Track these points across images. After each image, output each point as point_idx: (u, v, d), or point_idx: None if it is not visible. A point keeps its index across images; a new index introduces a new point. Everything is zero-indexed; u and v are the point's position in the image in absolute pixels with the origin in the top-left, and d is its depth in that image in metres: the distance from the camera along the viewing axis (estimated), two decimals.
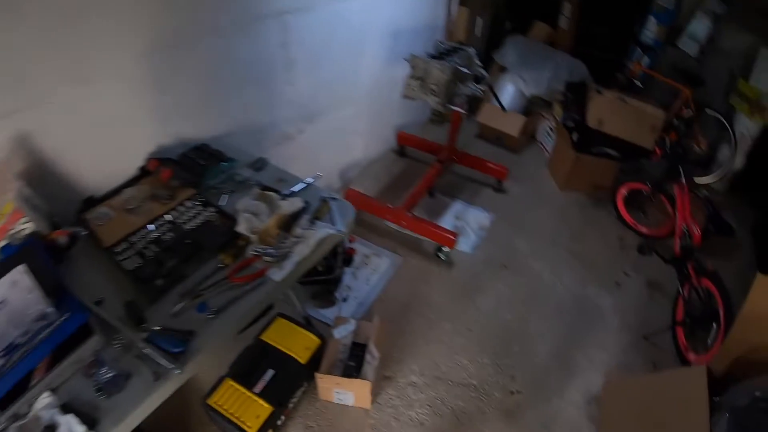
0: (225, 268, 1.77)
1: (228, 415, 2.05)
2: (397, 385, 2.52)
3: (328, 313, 2.85)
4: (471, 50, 3.03)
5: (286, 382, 2.24)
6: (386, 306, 2.91)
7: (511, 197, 3.81)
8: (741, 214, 3.89)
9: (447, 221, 3.45)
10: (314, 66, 2.77)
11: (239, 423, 2.03)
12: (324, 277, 2.77)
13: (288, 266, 1.79)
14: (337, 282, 2.92)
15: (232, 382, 2.16)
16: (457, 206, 3.61)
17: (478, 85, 3.10)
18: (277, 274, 1.76)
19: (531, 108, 4.35)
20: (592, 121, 3.64)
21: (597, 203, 3.83)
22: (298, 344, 2.37)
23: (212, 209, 1.98)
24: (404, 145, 4.00)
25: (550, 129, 4.20)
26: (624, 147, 3.64)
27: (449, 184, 3.80)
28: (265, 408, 2.09)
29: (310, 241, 1.86)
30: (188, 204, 1.99)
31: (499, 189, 3.80)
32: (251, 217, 1.89)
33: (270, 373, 2.22)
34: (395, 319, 2.83)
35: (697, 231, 2.80)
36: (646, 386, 1.70)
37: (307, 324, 2.59)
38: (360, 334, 2.51)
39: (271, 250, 1.80)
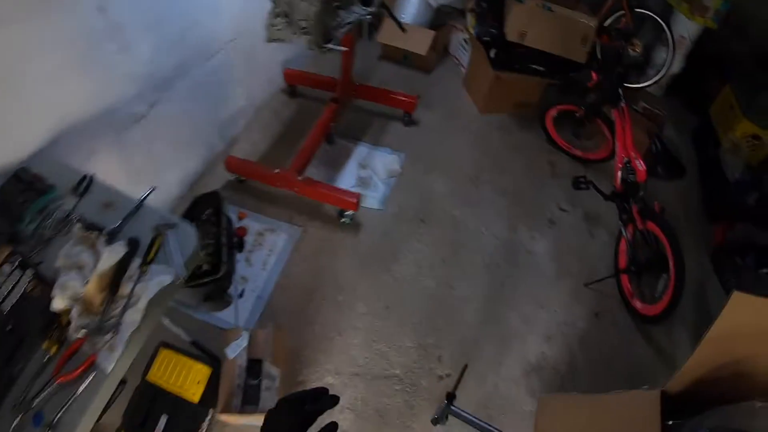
0: (53, 359, 1.27)
1: None
2: None
3: (224, 316, 2.36)
4: None
5: (182, 428, 1.82)
6: (289, 294, 2.42)
7: (424, 129, 3.27)
8: (679, 119, 3.57)
9: (350, 173, 2.90)
10: (154, 23, 2.07)
11: None
12: (211, 278, 2.25)
13: (119, 346, 1.26)
14: (228, 277, 2.38)
15: None
16: (361, 150, 3.05)
17: (366, 8, 2.43)
18: (107, 360, 1.25)
19: (441, 20, 3.70)
20: (511, 34, 3.06)
21: (522, 125, 3.37)
22: (188, 379, 1.91)
23: (30, 273, 1.37)
24: (294, 85, 3.31)
25: (465, 41, 3.61)
26: (551, 61, 3.12)
27: (351, 124, 3.20)
28: None
29: (140, 302, 1.31)
30: (5, 269, 1.37)
31: (409, 122, 3.24)
32: (68, 280, 1.30)
33: (164, 419, 1.81)
34: (301, 309, 2.36)
35: (641, 165, 2.39)
36: (587, 407, 1.36)
37: (197, 348, 2.07)
38: (256, 346, 2.03)
39: (96, 325, 1.26)
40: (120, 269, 1.35)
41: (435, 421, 1.75)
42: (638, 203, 2.40)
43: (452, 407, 1.74)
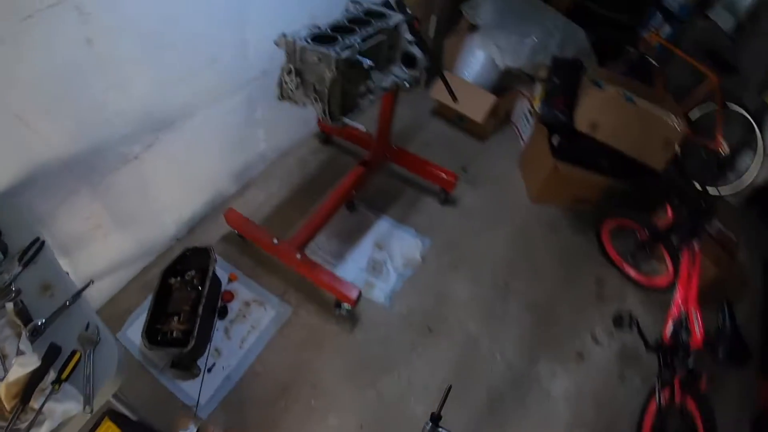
0: None
1: None
2: None
3: (188, 387, 2.12)
4: (398, 17, 1.99)
5: None
6: (260, 384, 2.13)
7: (462, 211, 2.90)
8: (756, 239, 3.01)
9: (363, 252, 2.58)
10: (154, 56, 1.82)
11: None
12: (178, 349, 2.02)
13: None
14: (199, 348, 2.14)
15: None
16: (382, 226, 2.71)
17: (409, 70, 2.11)
18: None
19: (507, 82, 3.30)
20: (581, 123, 2.63)
21: (575, 225, 2.93)
22: None
23: None
24: (328, 133, 3.03)
25: (529, 112, 3.20)
26: (622, 161, 2.67)
27: (380, 189, 2.88)
28: None
29: (44, 427, 1.12)
30: None
31: (446, 200, 2.87)
32: None
33: None
34: (269, 404, 2.07)
35: (699, 329, 1.93)
36: None
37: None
38: None
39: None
40: (33, 380, 1.18)
41: None
42: (683, 371, 1.94)
43: (440, 428, 1.39)
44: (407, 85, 2.09)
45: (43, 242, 1.47)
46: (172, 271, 2.26)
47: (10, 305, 1.27)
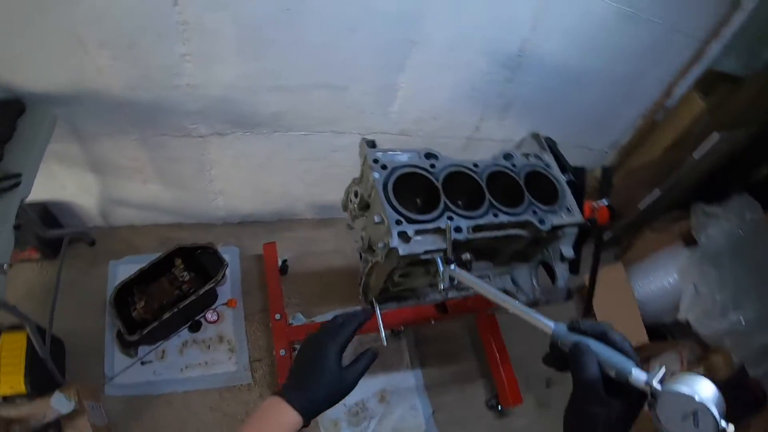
0: None
1: None
2: None
3: (118, 359, 2.02)
4: (567, 217, 1.36)
5: None
6: (163, 414, 1.93)
7: (503, 426, 2.23)
8: None
9: (359, 390, 2.08)
10: (254, 50, 1.50)
11: None
12: (125, 334, 1.90)
13: None
14: (145, 341, 1.94)
15: None
16: (404, 377, 2.16)
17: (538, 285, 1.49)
18: None
19: (674, 331, 2.47)
20: None
21: None
22: None
23: None
24: None
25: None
26: None
27: (443, 333, 2.32)
28: None
29: None
30: None
31: (492, 406, 2.21)
32: None
33: None
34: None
35: None
36: None
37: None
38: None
39: None
40: None
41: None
42: None
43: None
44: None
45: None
46: (183, 252, 2.05)
47: None
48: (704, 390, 0.54)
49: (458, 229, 1.06)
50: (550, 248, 1.32)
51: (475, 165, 1.19)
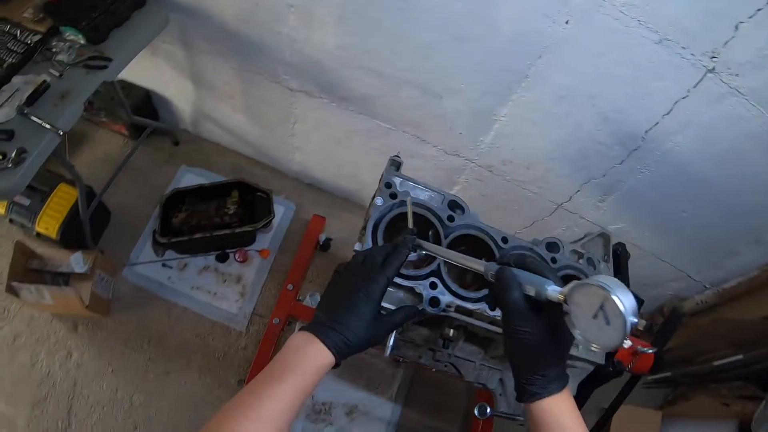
0: None
1: None
2: None
3: (141, 246, 2.16)
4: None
5: None
6: (163, 320, 1.98)
7: None
8: None
9: (331, 392, 2.01)
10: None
11: None
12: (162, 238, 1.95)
13: None
14: (179, 249, 2.04)
15: None
16: (382, 406, 2.03)
17: None
18: None
19: None
20: None
21: None
22: None
23: None
24: None
25: None
26: None
27: (440, 381, 2.14)
28: None
29: None
30: None
31: None
32: None
33: None
34: (140, 337, 1.91)
35: None
36: None
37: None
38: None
39: None
40: None
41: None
42: None
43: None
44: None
45: None
46: (242, 187, 2.10)
47: None
48: (611, 281, 0.54)
49: (434, 302, 0.91)
50: None
51: (504, 240, 1.00)
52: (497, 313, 0.90)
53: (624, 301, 0.52)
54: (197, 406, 1.92)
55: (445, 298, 0.90)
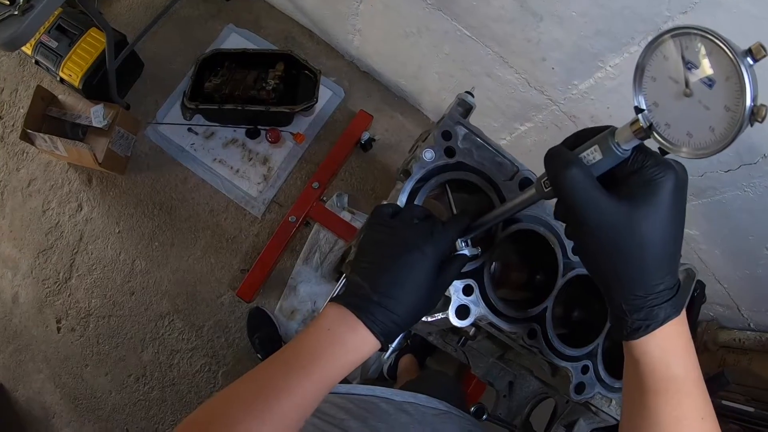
0: None
1: None
2: None
3: (166, 112, 1.95)
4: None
5: None
6: (180, 189, 1.84)
7: None
8: None
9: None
10: None
11: None
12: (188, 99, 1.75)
13: None
14: (206, 115, 1.82)
15: None
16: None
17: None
18: None
19: None
20: None
21: None
22: None
23: None
24: None
25: None
26: None
27: None
28: None
29: None
30: None
31: None
32: None
33: None
34: (163, 197, 1.79)
35: None
36: None
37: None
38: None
39: None
40: None
41: None
42: None
43: None
44: None
45: None
46: (290, 61, 1.82)
47: None
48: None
49: (462, 312, 0.63)
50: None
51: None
52: (534, 342, 0.65)
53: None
54: (195, 284, 1.79)
55: (478, 309, 0.63)
